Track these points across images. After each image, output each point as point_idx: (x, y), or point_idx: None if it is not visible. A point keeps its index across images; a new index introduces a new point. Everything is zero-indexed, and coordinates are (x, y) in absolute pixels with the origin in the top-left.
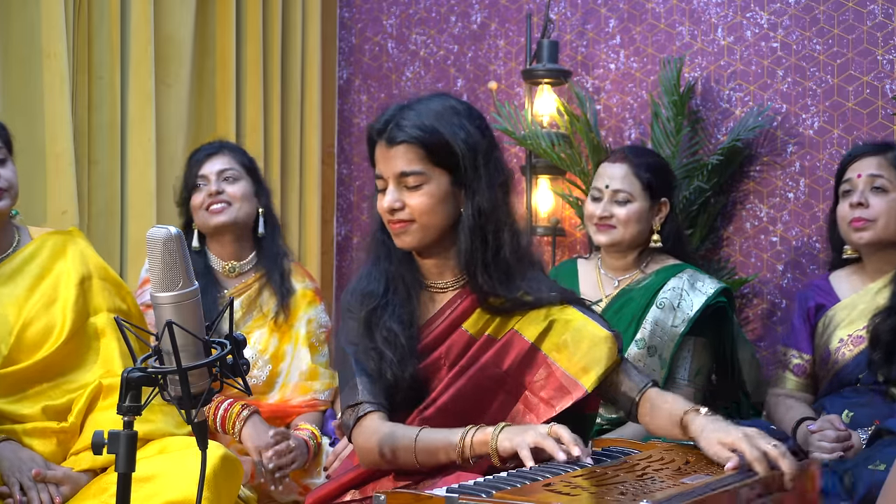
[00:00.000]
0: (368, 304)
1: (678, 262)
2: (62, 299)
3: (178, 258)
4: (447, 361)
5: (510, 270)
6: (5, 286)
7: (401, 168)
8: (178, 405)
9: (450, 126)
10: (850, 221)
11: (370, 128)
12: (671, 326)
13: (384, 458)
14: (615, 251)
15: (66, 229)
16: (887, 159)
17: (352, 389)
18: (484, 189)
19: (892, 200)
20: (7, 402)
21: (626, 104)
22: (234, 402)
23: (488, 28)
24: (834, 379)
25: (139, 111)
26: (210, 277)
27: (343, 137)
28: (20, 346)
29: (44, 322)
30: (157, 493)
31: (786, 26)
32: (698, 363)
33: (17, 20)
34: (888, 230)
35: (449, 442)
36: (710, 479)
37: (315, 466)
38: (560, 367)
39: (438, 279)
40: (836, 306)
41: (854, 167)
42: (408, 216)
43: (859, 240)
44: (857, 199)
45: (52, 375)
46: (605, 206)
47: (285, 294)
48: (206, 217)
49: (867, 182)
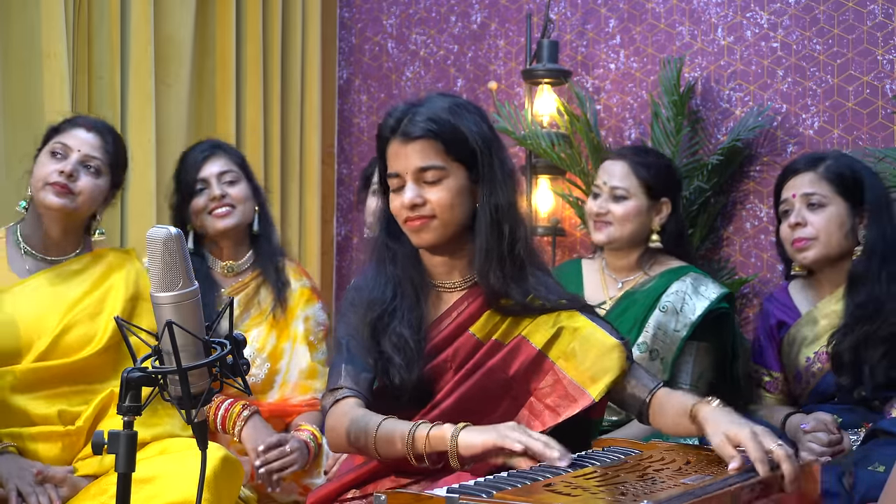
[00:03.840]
0: (375, 311)
1: (682, 265)
2: (108, 311)
3: (178, 258)
4: (454, 364)
5: (524, 268)
6: (58, 286)
7: (420, 163)
8: (178, 405)
9: (464, 120)
10: (791, 242)
11: (382, 127)
12: (673, 331)
13: (349, 442)
14: (614, 250)
15: (126, 249)
16: (818, 174)
17: (336, 375)
18: (500, 184)
19: (829, 215)
20: (27, 398)
21: (626, 104)
22: (234, 402)
23: (488, 28)
24: (812, 395)
25: (139, 111)
26: (207, 278)
27: (343, 137)
28: (56, 347)
29: (85, 329)
30: (158, 494)
31: (786, 26)
32: (700, 367)
33: (17, 20)
34: (831, 245)
35: (403, 431)
36: (710, 480)
37: (315, 467)
38: (567, 376)
39: (446, 279)
40: (797, 323)
41: (788, 186)
42: (429, 212)
43: (804, 259)
44: (795, 219)
45: (78, 381)
46: (602, 203)
47: (281, 288)
48: (210, 221)
49: (802, 200)
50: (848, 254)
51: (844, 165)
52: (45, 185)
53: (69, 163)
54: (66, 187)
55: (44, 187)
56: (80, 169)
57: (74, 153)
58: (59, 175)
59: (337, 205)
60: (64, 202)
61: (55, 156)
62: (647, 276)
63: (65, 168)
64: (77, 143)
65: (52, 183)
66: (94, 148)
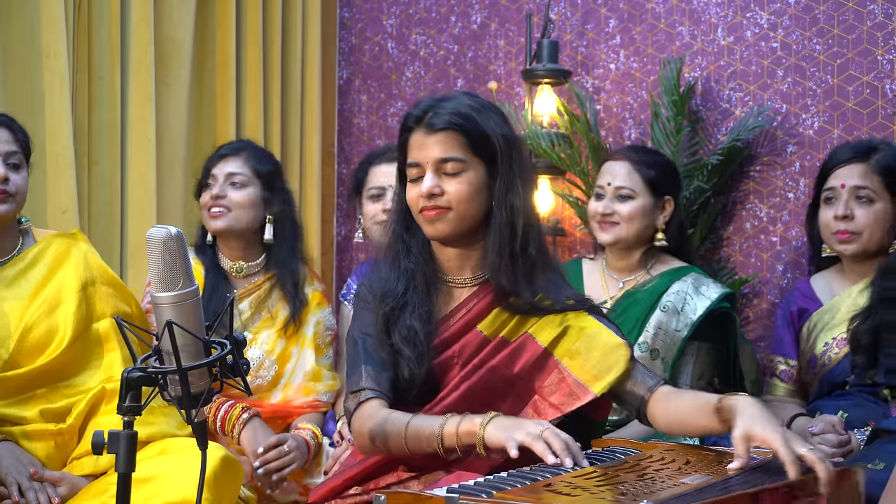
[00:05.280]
0: (387, 304)
1: (683, 265)
2: (65, 304)
3: (178, 258)
4: (460, 360)
5: (534, 268)
6: (8, 290)
7: (441, 154)
8: (178, 405)
9: (487, 119)
10: (834, 232)
11: (407, 116)
12: (674, 330)
13: (374, 444)
14: (619, 249)
15: (70, 232)
16: (871, 166)
17: (357, 376)
18: (517, 184)
19: (877, 211)
20: (6, 404)
21: (626, 104)
22: (234, 404)
23: (488, 28)
24: (823, 382)
25: (139, 111)
26: (220, 276)
27: (343, 137)
28: (21, 350)
29: (46, 327)
30: (157, 494)
31: (786, 26)
32: (701, 368)
33: (17, 20)
34: (872, 241)
35: (433, 429)
36: (711, 479)
37: (315, 467)
38: (572, 374)
39: (458, 274)
40: (819, 310)
41: (837, 175)
42: (445, 203)
43: (844, 251)
44: (843, 211)
45: (53, 380)
46: (608, 204)
47: (298, 307)
48: (206, 218)
49: (851, 192)
50: (885, 248)
51: (894, 159)
52: None
53: None
54: (3, 192)
55: None
56: (7, 169)
57: None
58: None
59: (337, 205)
60: (7, 207)
61: None
62: (649, 275)
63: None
64: None
65: None
66: (8, 143)
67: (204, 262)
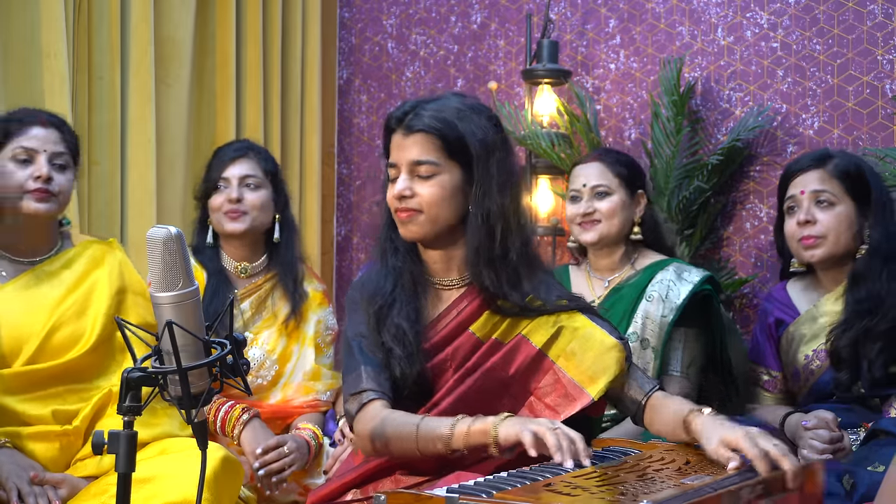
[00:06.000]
0: (377, 302)
1: (665, 258)
2: (94, 308)
3: (178, 258)
4: (453, 363)
5: (518, 273)
6: (40, 287)
7: (415, 156)
8: (178, 405)
9: (468, 123)
10: (799, 240)
11: (389, 117)
12: (661, 317)
13: (374, 444)
14: (602, 248)
15: (107, 239)
16: (828, 171)
17: (356, 378)
18: (494, 190)
19: (838, 214)
20: (18, 399)
21: (626, 104)
22: (234, 404)
23: (488, 28)
24: (811, 393)
25: (139, 111)
26: (222, 277)
27: (343, 137)
28: (45, 348)
29: (72, 329)
30: (158, 494)
31: (786, 26)
32: (690, 354)
33: (17, 20)
34: (839, 245)
35: (441, 430)
36: (710, 480)
37: (316, 467)
38: (567, 375)
39: (444, 276)
40: (796, 321)
41: (796, 183)
42: (416, 205)
43: (811, 258)
44: (804, 216)
45: (71, 380)
46: (587, 204)
47: (298, 301)
48: (222, 221)
49: (811, 198)
50: (852, 253)
51: (852, 164)
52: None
53: (41, 166)
54: (46, 191)
55: (22, 196)
56: (52, 169)
57: (41, 154)
58: (35, 181)
59: (337, 205)
60: (48, 206)
61: (21, 161)
62: (634, 269)
63: (40, 172)
64: (39, 143)
65: (31, 190)
66: (56, 143)
67: (204, 262)
